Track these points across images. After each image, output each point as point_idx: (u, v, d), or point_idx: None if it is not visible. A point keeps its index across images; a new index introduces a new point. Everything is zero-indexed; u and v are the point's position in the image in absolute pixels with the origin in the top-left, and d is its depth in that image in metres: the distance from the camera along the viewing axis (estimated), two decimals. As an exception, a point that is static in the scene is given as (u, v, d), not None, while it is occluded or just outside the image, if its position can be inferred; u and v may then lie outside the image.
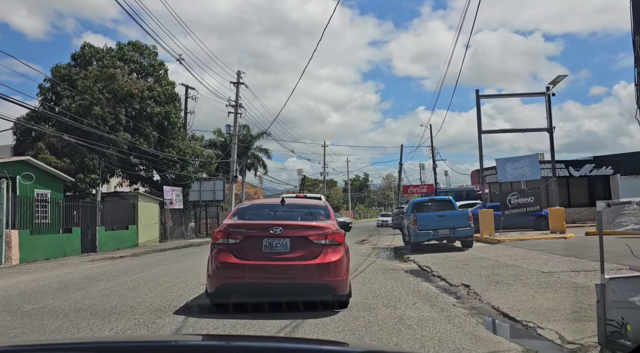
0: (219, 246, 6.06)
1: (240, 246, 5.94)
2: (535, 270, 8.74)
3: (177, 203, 27.27)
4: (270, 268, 5.89)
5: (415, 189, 46.05)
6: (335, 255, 5.96)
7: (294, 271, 5.87)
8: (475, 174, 30.14)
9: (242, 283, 6.00)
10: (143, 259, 15.51)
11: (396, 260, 12.99)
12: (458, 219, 13.82)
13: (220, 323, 5.43)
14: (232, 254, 5.92)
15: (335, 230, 6.19)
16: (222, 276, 5.95)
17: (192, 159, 27.71)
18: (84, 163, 21.37)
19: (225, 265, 5.90)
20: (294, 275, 5.87)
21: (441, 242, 15.02)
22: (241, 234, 6.02)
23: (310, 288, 6.03)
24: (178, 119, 27.23)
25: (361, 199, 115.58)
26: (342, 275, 5.97)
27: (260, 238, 5.96)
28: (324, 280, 5.89)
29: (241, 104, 38.20)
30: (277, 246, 5.93)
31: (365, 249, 17.34)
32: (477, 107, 17.11)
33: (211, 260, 6.10)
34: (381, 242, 21.10)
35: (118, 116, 22.58)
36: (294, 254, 5.89)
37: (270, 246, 5.92)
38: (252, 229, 6.14)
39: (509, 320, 5.41)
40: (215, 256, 6.02)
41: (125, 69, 23.57)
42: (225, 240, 6.01)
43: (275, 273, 5.89)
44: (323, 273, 5.88)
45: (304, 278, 5.89)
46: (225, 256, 5.93)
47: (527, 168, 17.22)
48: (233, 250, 5.94)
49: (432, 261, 11.53)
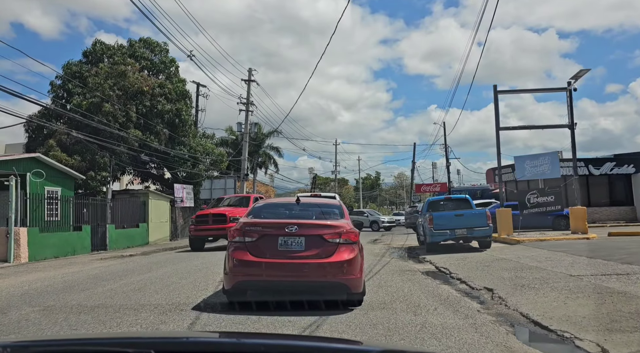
0: (235, 244, 6.14)
1: (257, 245, 6.03)
2: (562, 273, 8.24)
3: (188, 201, 27.05)
4: (286, 266, 5.94)
5: (428, 188, 45.44)
6: (349, 254, 5.99)
7: (308, 269, 5.91)
8: (491, 173, 29.51)
9: (258, 281, 6.07)
10: (153, 258, 15.26)
11: (412, 261, 12.54)
12: (476, 219, 13.32)
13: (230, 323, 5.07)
14: (248, 252, 6.00)
15: (349, 228, 6.22)
16: (239, 273, 6.03)
17: (202, 157, 27.47)
18: (95, 161, 21.22)
19: (242, 262, 5.98)
20: (308, 273, 5.92)
21: (457, 242, 14.55)
22: (257, 232, 6.10)
23: (324, 286, 6.09)
24: (189, 116, 27.02)
25: (372, 198, 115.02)
26: (356, 273, 6.00)
27: (275, 236, 6.03)
28: (338, 278, 5.94)
29: (252, 102, 37.96)
30: (292, 244, 6.00)
31: (379, 249, 16.90)
32: (494, 103, 16.56)
33: (228, 258, 6.17)
34: (395, 242, 20.64)
35: (129, 113, 22.39)
36: (308, 252, 5.95)
37: (286, 245, 6.00)
38: (268, 227, 6.20)
39: (541, 329, 4.96)
40: (232, 253, 6.09)
41: (136, 66, 23.39)
42: (242, 238, 6.09)
43: (290, 271, 5.94)
44: (337, 271, 5.93)
45: (318, 276, 5.94)
46: (242, 254, 6.01)
47: (547, 165, 16.63)
48: (249, 247, 6.02)
49: (449, 262, 11.07)
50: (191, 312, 6.01)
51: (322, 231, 6.12)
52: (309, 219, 6.53)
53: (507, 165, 28.02)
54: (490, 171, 29.62)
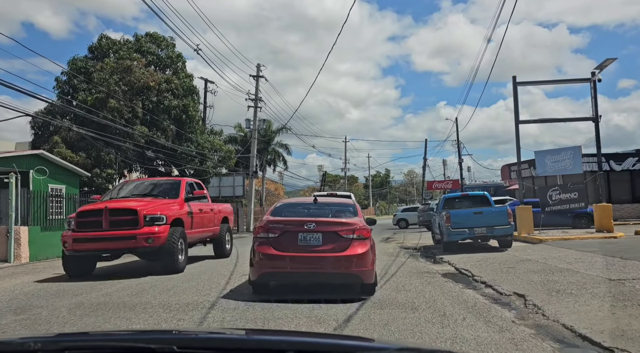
0: (260, 239, 6.78)
1: (279, 240, 6.66)
2: (599, 277, 7.51)
3: (196, 199, 26.55)
4: (305, 259, 6.57)
5: (440, 185, 44.57)
6: (362, 248, 6.59)
7: (325, 262, 6.56)
8: (507, 169, 28.65)
9: (281, 272, 6.76)
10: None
11: (429, 262, 11.84)
12: (497, 217, 12.58)
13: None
14: (272, 246, 6.62)
15: (362, 225, 6.83)
16: (263, 266, 6.68)
17: (210, 153, 26.96)
18: (100, 158, 20.79)
19: (266, 256, 6.61)
20: (325, 266, 6.56)
21: (476, 241, 13.81)
22: (279, 229, 6.74)
23: (339, 277, 6.69)
24: (196, 112, 26.52)
25: (382, 195, 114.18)
26: (368, 265, 6.61)
27: (296, 232, 6.64)
28: (351, 270, 6.53)
29: (261, 98, 37.40)
30: (311, 240, 6.60)
31: (392, 248, 16.21)
32: (514, 95, 15.74)
33: (253, 252, 6.79)
34: (408, 240, 19.92)
35: (134, 109, 21.92)
36: (325, 247, 6.56)
37: (305, 240, 6.60)
38: (289, 224, 6.82)
39: (592, 345, 4.26)
40: (257, 248, 6.72)
41: (142, 61, 22.90)
42: (266, 234, 6.74)
43: (309, 264, 6.58)
44: (351, 263, 6.52)
45: (334, 268, 6.57)
46: (266, 248, 6.64)
47: (569, 161, 15.80)
48: (273, 243, 6.65)
49: (470, 263, 10.37)
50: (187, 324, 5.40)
51: (338, 228, 6.72)
52: (325, 217, 7.13)
53: (524, 161, 27.16)
54: (505, 167, 28.77)
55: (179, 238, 10.00)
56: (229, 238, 13.90)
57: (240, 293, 7.18)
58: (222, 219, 13.29)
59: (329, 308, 5.88)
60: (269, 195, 74.08)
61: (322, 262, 6.55)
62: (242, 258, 12.23)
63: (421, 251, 15.08)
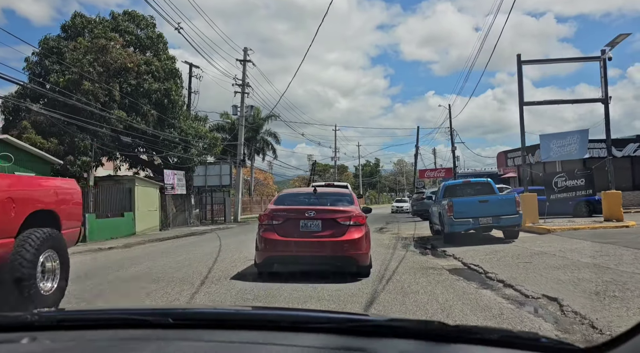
0: (265, 226, 7.33)
1: (282, 226, 7.23)
2: (638, 274, 6.47)
3: (180, 188, 25.23)
4: (306, 243, 7.16)
5: (433, 174, 43.69)
6: (357, 233, 7.20)
7: (324, 246, 7.15)
8: (502, 156, 27.71)
9: (284, 256, 7.32)
10: (133, 251, 13.50)
11: (431, 254, 10.77)
12: (504, 206, 11.53)
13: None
14: (276, 233, 7.19)
15: (357, 213, 7.49)
16: (269, 250, 7.25)
17: (195, 140, 25.59)
18: (74, 144, 19.35)
19: (271, 241, 7.19)
20: (325, 249, 7.15)
21: (479, 232, 12.77)
22: (282, 217, 7.32)
23: (337, 259, 7.29)
24: (179, 97, 25.07)
25: (372, 184, 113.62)
26: (363, 249, 7.24)
27: (298, 220, 7.22)
28: (348, 253, 7.13)
29: (248, 83, 36.03)
30: (311, 226, 7.19)
31: (388, 239, 15.15)
32: (518, 75, 14.65)
33: (259, 238, 7.37)
34: (403, 231, 18.89)
35: (112, 91, 20.46)
36: (324, 232, 7.15)
37: (306, 227, 7.19)
38: (292, 212, 7.39)
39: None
40: (262, 234, 7.30)
41: (119, 41, 21.35)
42: (270, 222, 7.30)
43: (310, 248, 7.18)
44: (348, 247, 7.11)
45: (332, 251, 7.14)
46: (270, 234, 7.22)
47: (575, 145, 14.79)
48: (277, 229, 7.22)
49: (477, 257, 9.32)
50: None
51: (335, 215, 7.34)
52: (324, 205, 7.68)
53: (517, 148, 26.23)
54: (501, 154, 27.82)
55: None
56: (57, 264, 5.66)
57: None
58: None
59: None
60: (258, 185, 72.80)
61: (321, 246, 7.15)
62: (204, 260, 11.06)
63: (420, 242, 14.04)
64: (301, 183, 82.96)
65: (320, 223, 7.17)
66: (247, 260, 10.01)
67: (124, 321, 1.41)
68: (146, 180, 22.74)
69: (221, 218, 33.43)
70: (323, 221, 7.18)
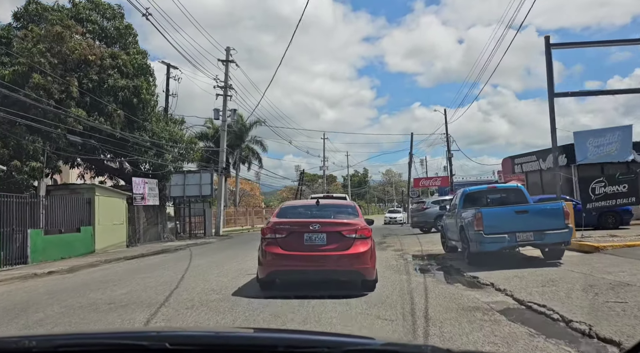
0: (268, 240, 7.15)
1: (286, 240, 7.07)
2: None
3: (151, 199, 22.38)
4: (311, 257, 6.99)
5: (428, 182, 41.33)
6: (363, 247, 7.01)
7: (330, 260, 6.97)
8: (509, 162, 25.40)
9: (288, 270, 7.15)
10: (76, 278, 10.67)
11: (459, 283, 8.16)
12: (548, 218, 9.00)
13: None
14: (279, 246, 7.03)
15: (363, 225, 7.27)
16: (272, 264, 7.10)
17: (169, 145, 22.79)
18: (22, 147, 16.48)
19: (274, 255, 7.02)
20: (330, 263, 6.98)
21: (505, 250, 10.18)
22: (286, 230, 7.17)
23: (343, 274, 7.23)
24: (151, 96, 22.29)
25: (361, 195, 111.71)
26: (369, 263, 7.05)
27: (302, 233, 7.07)
28: (354, 268, 6.99)
29: (231, 85, 33.40)
30: (316, 239, 7.03)
31: (394, 258, 12.56)
32: (546, 60, 12.26)
33: (262, 252, 7.18)
34: (407, 246, 16.30)
35: (69, 87, 17.67)
36: (329, 246, 6.99)
37: (311, 240, 7.03)
38: (295, 225, 7.26)
39: None
40: (265, 248, 7.12)
41: (79, 29, 18.61)
42: (273, 235, 7.14)
43: (315, 262, 6.99)
44: (354, 261, 6.96)
45: (338, 265, 7.02)
46: (274, 248, 7.05)
47: (615, 144, 12.40)
48: (280, 243, 7.05)
49: (530, 289, 6.79)
50: None
51: (341, 228, 7.17)
52: (328, 218, 7.60)
53: (530, 152, 23.97)
54: (507, 160, 25.49)
55: None
56: None
57: None
58: None
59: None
60: (244, 195, 69.87)
61: (326, 260, 6.90)
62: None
63: (433, 263, 11.46)
64: (289, 193, 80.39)
65: (325, 237, 7.00)
66: (215, 292, 7.39)
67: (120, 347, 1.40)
68: (110, 189, 19.89)
69: (201, 231, 30.55)
70: (328, 234, 7.01)
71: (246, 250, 17.18)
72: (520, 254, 10.83)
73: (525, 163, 23.54)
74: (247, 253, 15.10)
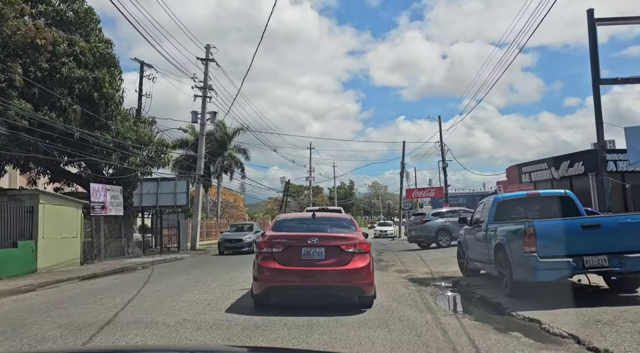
0: (264, 254, 6.88)
1: (283, 255, 6.78)
2: None
3: (114, 208, 19.49)
4: (309, 273, 6.72)
5: (421, 193, 38.91)
6: (362, 262, 6.74)
7: (328, 276, 6.70)
8: (514, 171, 23.10)
9: (285, 286, 6.82)
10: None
11: (515, 331, 5.55)
12: (629, 235, 6.50)
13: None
14: (276, 261, 6.75)
15: (362, 240, 7.00)
16: (269, 280, 6.79)
17: (135, 147, 19.98)
18: (-53, 144, 13.59)
19: (271, 270, 6.72)
20: (328, 279, 6.71)
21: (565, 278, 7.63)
22: (283, 244, 6.88)
23: (341, 290, 6.93)
24: (116, 91, 19.52)
25: (347, 207, 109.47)
26: (368, 278, 6.76)
27: (299, 247, 6.79)
28: (353, 283, 6.70)
29: (211, 86, 30.71)
30: (314, 254, 6.75)
31: (401, 283, 9.97)
32: (590, 39, 9.89)
33: (258, 266, 6.85)
34: (410, 266, 13.73)
35: (10, 75, 14.86)
36: (328, 261, 6.71)
37: (309, 254, 6.75)
38: (293, 239, 6.97)
39: None
40: (262, 262, 6.82)
41: (26, 9, 15.84)
42: (270, 249, 6.85)
43: (313, 277, 6.72)
44: (353, 277, 6.67)
45: (337, 281, 6.74)
46: (270, 262, 6.76)
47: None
48: (277, 257, 6.77)
49: (629, 344, 4.25)
50: None
51: (339, 242, 6.90)
52: (325, 232, 7.26)
53: (540, 160, 21.72)
54: (513, 169, 23.18)
55: None
56: None
57: None
58: None
59: None
60: (227, 207, 66.74)
61: (325, 276, 6.67)
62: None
63: (456, 291, 8.90)
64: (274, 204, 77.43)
65: (323, 251, 6.73)
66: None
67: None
68: (60, 196, 16.96)
69: (175, 245, 27.60)
70: (326, 248, 6.74)
71: (219, 269, 14.43)
72: (571, 281, 8.32)
73: (534, 172, 21.28)
74: (220, 275, 12.36)
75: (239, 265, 15.10)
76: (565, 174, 19.31)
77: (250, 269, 7.16)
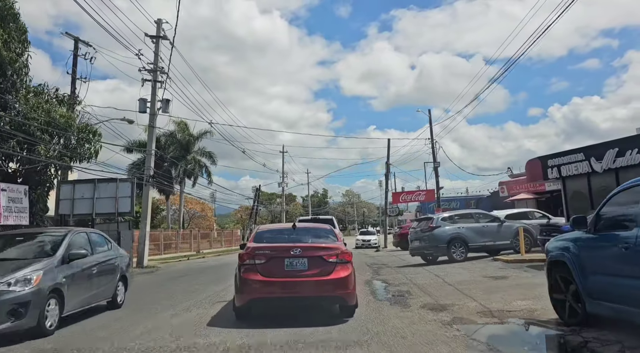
0: (246, 266, 6.73)
1: (265, 266, 6.66)
2: None
3: (13, 215, 14.14)
4: (292, 284, 6.65)
5: (409, 197, 34.54)
6: (345, 272, 6.74)
7: (312, 286, 6.63)
8: (538, 165, 18.72)
9: (268, 298, 6.72)
10: None
11: None
12: None
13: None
14: (259, 273, 6.64)
15: (344, 249, 7.00)
16: (251, 292, 6.66)
17: (42, 128, 14.67)
18: None
19: (254, 282, 6.62)
20: (312, 289, 6.64)
21: None
22: (265, 255, 6.75)
23: (324, 300, 6.94)
24: (19, 57, 14.33)
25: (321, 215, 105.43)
26: (351, 288, 6.78)
27: (282, 258, 6.69)
28: (336, 293, 6.72)
29: (163, 68, 25.47)
30: (297, 265, 6.68)
31: (460, 346, 5.15)
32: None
33: (240, 278, 6.74)
34: (442, 297, 8.96)
35: None
36: (311, 271, 6.65)
37: (292, 265, 6.67)
38: (275, 250, 6.84)
39: None
40: (244, 275, 6.69)
41: None
42: (252, 261, 6.72)
43: (296, 288, 6.64)
44: (335, 287, 6.68)
45: (320, 291, 6.68)
46: (253, 274, 6.64)
47: None
48: (259, 269, 6.65)
49: None
50: None
51: (322, 252, 6.82)
52: (306, 242, 7.16)
53: (568, 151, 17.46)
54: (535, 162, 18.79)
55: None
56: None
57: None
58: None
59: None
60: (194, 217, 60.83)
61: (308, 286, 6.63)
62: None
63: None
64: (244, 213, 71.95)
65: (306, 261, 6.66)
66: None
67: None
68: None
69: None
70: (309, 259, 6.68)
71: (150, 309, 9.10)
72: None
73: (564, 165, 16.98)
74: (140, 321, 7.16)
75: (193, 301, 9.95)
76: (612, 166, 15.05)
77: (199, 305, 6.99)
